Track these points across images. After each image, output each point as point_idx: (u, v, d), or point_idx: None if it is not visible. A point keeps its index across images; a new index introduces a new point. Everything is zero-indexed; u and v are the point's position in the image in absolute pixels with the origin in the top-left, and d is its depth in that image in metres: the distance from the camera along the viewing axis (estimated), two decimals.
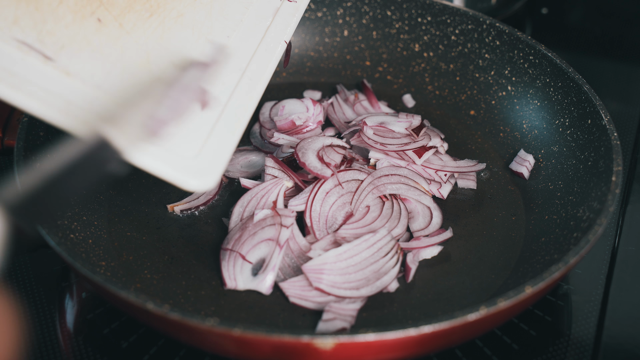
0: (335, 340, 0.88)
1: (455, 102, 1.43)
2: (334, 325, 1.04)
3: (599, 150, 1.17)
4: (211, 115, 1.09)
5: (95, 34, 1.08)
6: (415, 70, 1.48)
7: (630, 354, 1.08)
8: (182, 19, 1.17)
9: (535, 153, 1.30)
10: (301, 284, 1.09)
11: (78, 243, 1.10)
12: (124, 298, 0.93)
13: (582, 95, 1.24)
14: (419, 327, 0.89)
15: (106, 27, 1.10)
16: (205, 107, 1.06)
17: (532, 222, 1.21)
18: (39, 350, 1.06)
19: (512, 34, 1.36)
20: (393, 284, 1.11)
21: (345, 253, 1.11)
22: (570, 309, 1.14)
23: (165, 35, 1.14)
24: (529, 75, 1.35)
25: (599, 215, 1.05)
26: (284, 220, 1.13)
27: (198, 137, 1.06)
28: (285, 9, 1.28)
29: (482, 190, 1.28)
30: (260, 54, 1.20)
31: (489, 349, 1.07)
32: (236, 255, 1.11)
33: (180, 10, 1.18)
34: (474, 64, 1.42)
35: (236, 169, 1.28)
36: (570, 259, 0.98)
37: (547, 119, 1.31)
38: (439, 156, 1.30)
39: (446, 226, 1.20)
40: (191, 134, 1.05)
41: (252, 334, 0.88)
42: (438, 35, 1.45)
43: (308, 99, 1.37)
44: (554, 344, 1.09)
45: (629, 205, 1.30)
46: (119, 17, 1.11)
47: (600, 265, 1.20)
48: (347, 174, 1.22)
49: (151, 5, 1.15)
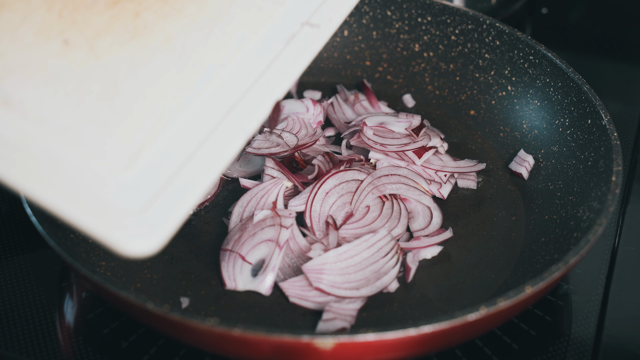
0: (335, 340, 0.88)
1: (455, 102, 1.43)
2: (334, 325, 1.04)
3: (599, 150, 1.17)
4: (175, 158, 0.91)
5: (57, 57, 0.95)
6: (415, 70, 1.48)
7: (630, 354, 1.08)
8: (170, 44, 1.01)
9: (535, 153, 1.30)
10: (301, 284, 1.09)
11: (78, 243, 1.10)
12: (124, 298, 0.93)
13: (582, 95, 1.24)
14: (419, 327, 0.89)
15: (72, 51, 0.96)
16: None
17: (532, 222, 1.21)
18: (39, 350, 1.05)
19: (512, 34, 1.36)
20: (393, 284, 1.11)
21: (345, 253, 1.11)
22: (570, 309, 1.14)
23: (143, 63, 0.98)
24: (529, 75, 1.35)
25: (599, 215, 1.05)
26: (283, 221, 1.13)
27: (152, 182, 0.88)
28: (303, 36, 1.08)
29: (482, 190, 1.28)
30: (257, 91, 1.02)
31: (489, 349, 1.07)
32: (236, 255, 1.11)
33: (170, 33, 1.03)
34: (474, 64, 1.42)
35: (235, 168, 1.28)
36: (570, 259, 0.98)
37: (547, 119, 1.31)
38: (439, 156, 1.30)
39: (446, 226, 1.20)
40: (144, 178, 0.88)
41: (252, 334, 0.88)
42: (438, 35, 1.45)
43: (308, 99, 1.37)
44: (554, 344, 1.09)
45: (629, 205, 1.30)
46: (92, 39, 0.97)
47: (600, 265, 1.20)
48: (347, 174, 1.22)
49: (136, 27, 1.00)
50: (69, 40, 0.95)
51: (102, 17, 1.00)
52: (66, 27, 0.97)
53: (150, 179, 0.89)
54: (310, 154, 1.27)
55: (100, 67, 0.96)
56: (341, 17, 1.14)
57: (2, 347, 1.05)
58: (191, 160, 0.92)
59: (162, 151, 0.92)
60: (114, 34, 0.99)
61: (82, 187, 0.86)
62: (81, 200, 0.84)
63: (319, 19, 1.10)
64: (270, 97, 1.01)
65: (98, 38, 0.98)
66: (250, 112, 0.99)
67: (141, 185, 0.88)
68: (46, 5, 0.98)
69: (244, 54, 1.04)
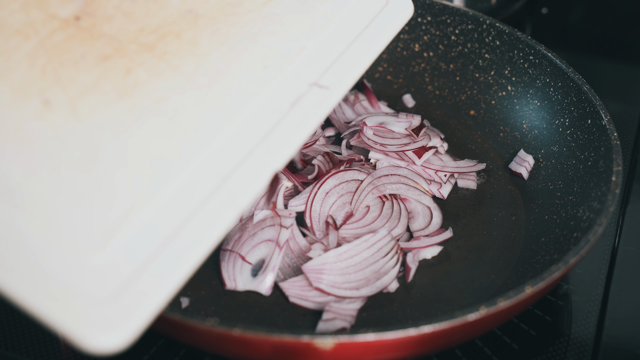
0: (335, 340, 0.88)
1: (455, 102, 1.43)
2: (334, 325, 1.04)
3: (599, 150, 1.17)
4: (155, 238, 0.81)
5: (34, 119, 0.85)
6: (415, 70, 1.48)
7: (630, 354, 1.08)
8: (161, 105, 0.90)
9: (535, 153, 1.30)
10: (301, 284, 1.09)
11: None
12: None
13: (582, 95, 1.24)
14: (419, 327, 0.89)
15: (52, 112, 0.86)
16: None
17: (532, 222, 1.21)
18: (39, 350, 1.05)
19: (512, 34, 1.36)
20: (393, 284, 1.11)
21: (345, 253, 1.11)
22: (570, 309, 1.14)
23: (129, 127, 0.87)
24: (529, 75, 1.35)
25: (599, 215, 1.05)
26: (283, 221, 1.13)
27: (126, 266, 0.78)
28: (311, 98, 0.97)
29: (482, 190, 1.28)
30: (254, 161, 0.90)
31: (489, 349, 1.07)
32: (236, 255, 1.11)
33: (163, 93, 0.91)
34: (474, 64, 1.42)
35: None
36: (570, 259, 0.98)
37: (547, 119, 1.31)
38: (439, 156, 1.30)
39: (446, 226, 1.20)
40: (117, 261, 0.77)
41: (252, 334, 0.88)
42: (438, 35, 1.45)
43: None
44: (554, 344, 1.09)
45: (629, 205, 1.30)
46: (76, 99, 0.87)
47: (600, 265, 1.20)
48: (347, 174, 1.22)
49: (126, 85, 0.89)
50: (49, 100, 0.86)
51: (89, 74, 0.91)
52: (48, 84, 0.88)
53: (124, 262, 0.79)
54: (310, 154, 1.27)
55: (81, 130, 0.86)
56: (353, 79, 1.04)
57: (2, 347, 1.05)
58: (173, 239, 0.82)
59: (140, 229, 0.82)
60: (100, 93, 0.89)
61: (44, 270, 0.76)
62: (42, 284, 0.75)
63: (329, 80, 1.00)
64: (268, 168, 0.90)
65: (82, 97, 0.88)
66: (245, 185, 0.88)
67: (113, 269, 0.78)
68: (28, 61, 0.90)
69: (243, 118, 0.93)
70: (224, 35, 0.99)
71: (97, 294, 0.75)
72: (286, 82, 0.98)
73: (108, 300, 0.75)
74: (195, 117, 0.91)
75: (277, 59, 1.00)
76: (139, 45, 0.94)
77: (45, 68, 0.90)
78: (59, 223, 0.80)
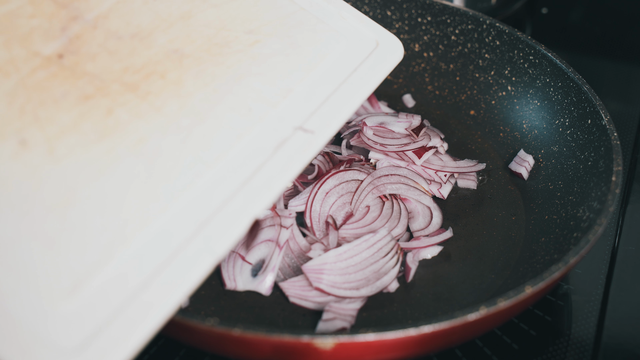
0: (335, 340, 0.88)
1: (455, 102, 1.43)
2: (334, 325, 1.04)
3: (599, 150, 1.17)
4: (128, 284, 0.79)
5: (8, 160, 0.83)
6: (415, 70, 1.48)
7: (630, 354, 1.08)
8: (142, 147, 0.88)
9: (535, 153, 1.30)
10: (301, 284, 1.09)
11: None
12: None
13: (582, 95, 1.24)
14: (419, 327, 0.89)
15: (28, 153, 0.83)
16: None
17: (532, 222, 1.21)
18: None
19: (512, 34, 1.36)
20: (393, 284, 1.11)
21: (345, 253, 1.11)
22: (570, 309, 1.14)
23: (108, 169, 0.85)
24: (529, 75, 1.35)
25: (599, 215, 1.05)
26: (283, 221, 1.13)
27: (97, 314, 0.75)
28: (295, 142, 0.95)
29: (482, 190, 1.28)
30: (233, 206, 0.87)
31: (489, 349, 1.07)
32: (236, 256, 1.11)
33: (144, 134, 0.89)
34: (474, 64, 1.42)
35: None
36: (570, 259, 0.98)
37: (547, 119, 1.31)
38: (439, 156, 1.30)
39: (446, 226, 1.20)
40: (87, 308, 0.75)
41: (252, 334, 0.88)
42: (438, 35, 1.45)
43: None
44: (554, 344, 1.09)
45: (629, 205, 1.30)
46: (54, 139, 0.84)
47: (600, 265, 1.20)
48: (347, 174, 1.22)
49: (106, 126, 0.87)
50: (26, 140, 0.83)
51: (69, 114, 0.89)
52: (26, 124, 0.85)
53: (94, 310, 0.76)
54: None
55: (57, 172, 0.83)
56: (339, 123, 1.01)
57: None
58: (147, 286, 0.80)
59: (113, 275, 0.80)
60: (79, 134, 0.87)
61: (10, 317, 0.74)
62: (8, 331, 0.72)
63: (314, 124, 0.98)
64: (248, 214, 0.88)
65: (61, 138, 0.86)
66: (223, 231, 0.85)
67: (83, 317, 0.75)
68: (7, 99, 0.88)
69: (224, 161, 0.91)
70: (209, 76, 0.97)
71: (64, 343, 0.73)
72: (270, 125, 0.97)
73: (76, 350, 0.74)
74: (175, 160, 0.89)
75: (262, 101, 0.98)
76: (122, 84, 0.92)
77: (24, 107, 0.88)
78: (27, 268, 0.79)
